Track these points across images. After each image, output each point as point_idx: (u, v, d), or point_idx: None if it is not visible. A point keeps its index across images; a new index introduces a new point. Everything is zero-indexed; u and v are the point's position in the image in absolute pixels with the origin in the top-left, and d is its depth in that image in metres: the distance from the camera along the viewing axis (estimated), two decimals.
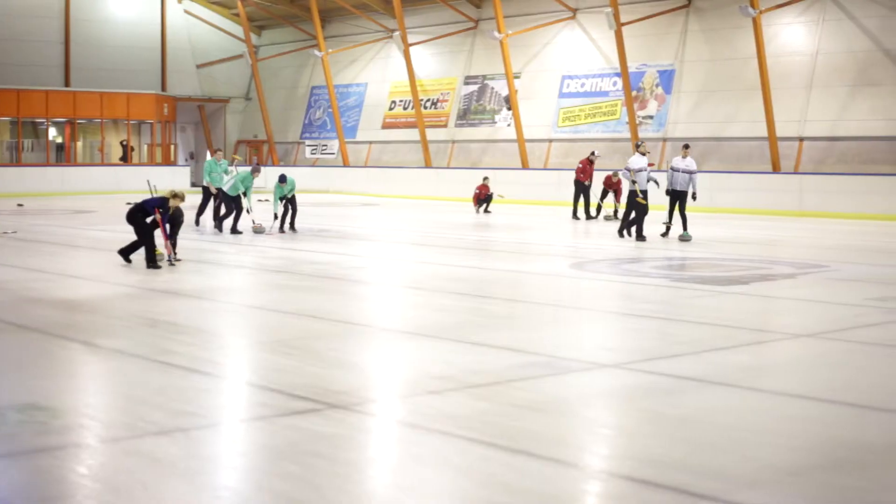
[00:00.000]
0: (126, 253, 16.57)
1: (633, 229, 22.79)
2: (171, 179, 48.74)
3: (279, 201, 23.77)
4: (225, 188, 23.63)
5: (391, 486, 5.97)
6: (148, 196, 16.97)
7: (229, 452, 6.59)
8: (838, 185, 33.19)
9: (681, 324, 11.72)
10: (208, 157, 26.98)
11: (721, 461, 6.32)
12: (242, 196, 23.19)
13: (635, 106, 39.81)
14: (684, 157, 22.99)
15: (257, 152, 52.54)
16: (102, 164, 49.55)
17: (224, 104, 55.61)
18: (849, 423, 7.36)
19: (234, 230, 23.14)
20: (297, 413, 7.35)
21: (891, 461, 6.49)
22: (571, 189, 31.30)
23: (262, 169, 28.81)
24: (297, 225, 24.35)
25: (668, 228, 23.22)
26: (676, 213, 23.00)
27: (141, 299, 13.23)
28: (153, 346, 9.94)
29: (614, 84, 41.17)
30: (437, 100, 47.46)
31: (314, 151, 52.06)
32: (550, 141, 42.84)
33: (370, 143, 49.89)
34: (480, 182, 34.71)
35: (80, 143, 50.57)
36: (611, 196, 30.72)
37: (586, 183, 30.75)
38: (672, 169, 23.03)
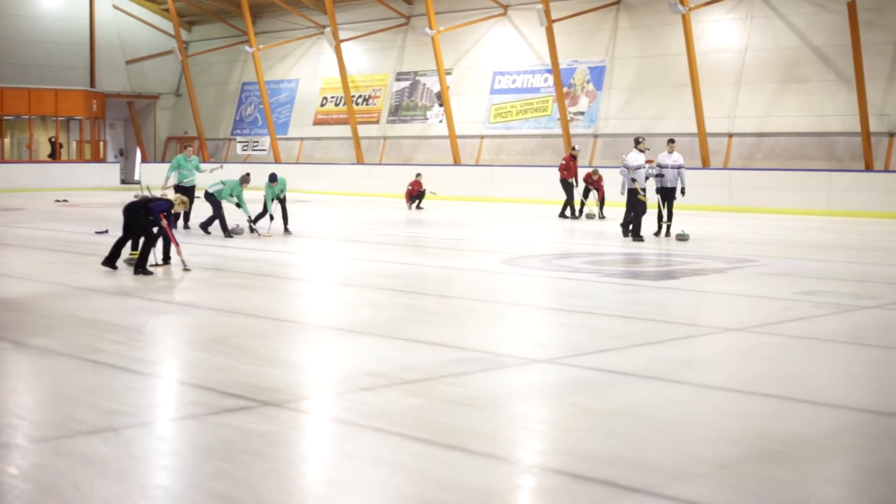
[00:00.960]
0: (112, 260, 15.36)
1: (630, 229, 22.04)
2: (101, 176, 48.48)
3: (272, 202, 22.53)
4: (210, 189, 22.21)
5: (325, 484, 5.98)
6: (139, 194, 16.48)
7: (162, 451, 6.56)
8: (767, 180, 33.56)
9: (611, 319, 11.81)
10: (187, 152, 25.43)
11: (651, 454, 6.39)
12: (237, 207, 22.23)
13: (566, 102, 40.00)
14: (670, 152, 22.66)
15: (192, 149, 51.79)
16: (31, 161, 48.98)
17: (154, 100, 55.19)
18: (776, 416, 7.46)
19: (204, 227, 22.49)
20: (230, 411, 7.34)
21: (816, 452, 6.59)
22: (506, 186, 31.19)
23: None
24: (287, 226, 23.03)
25: (660, 227, 22.55)
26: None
27: (71, 298, 13.11)
28: (84, 344, 9.86)
29: (545, 80, 41.34)
30: (369, 96, 47.40)
31: (245, 148, 51.79)
32: (482, 137, 42.92)
33: (302, 139, 49.73)
34: (413, 178, 34.71)
35: (7, 140, 49.94)
36: (593, 194, 29.78)
37: (570, 180, 29.73)
38: (659, 165, 22.64)
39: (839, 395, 8.15)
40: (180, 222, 23.34)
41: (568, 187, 29.57)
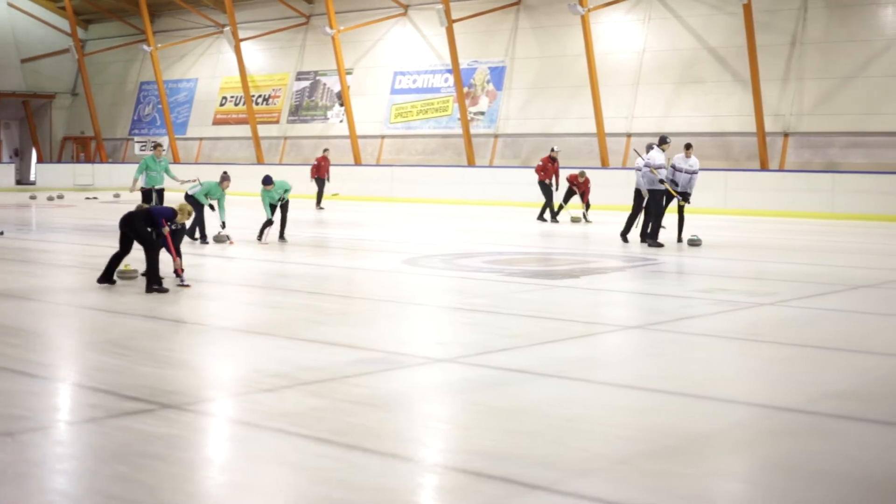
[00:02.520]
0: (108, 276, 14.16)
1: (641, 231, 21.03)
2: None
3: (269, 207, 21.02)
4: (190, 191, 20.75)
5: (226, 486, 5.94)
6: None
7: (60, 456, 6.46)
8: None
9: (512, 317, 11.87)
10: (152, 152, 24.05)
11: (552, 451, 6.44)
12: (211, 209, 20.91)
13: (467, 102, 40.13)
14: (687, 156, 21.61)
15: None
16: None
17: (50, 100, 54.37)
18: (674, 412, 7.55)
19: (190, 235, 20.92)
20: (129, 414, 7.26)
21: (713, 447, 6.69)
22: (407, 186, 31.01)
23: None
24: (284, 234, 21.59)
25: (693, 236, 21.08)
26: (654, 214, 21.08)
27: None
28: None
29: (446, 80, 41.43)
30: (269, 96, 47.15)
31: (143, 148, 51.19)
32: (383, 137, 42.91)
33: (201, 139, 49.33)
34: (321, 154, 34.69)
35: None
36: (577, 197, 28.80)
37: (547, 182, 28.84)
38: (674, 168, 21.57)
39: (736, 390, 8.27)
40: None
41: (545, 189, 28.80)
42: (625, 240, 21.43)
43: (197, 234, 20.93)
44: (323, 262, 18.00)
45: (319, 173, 34.54)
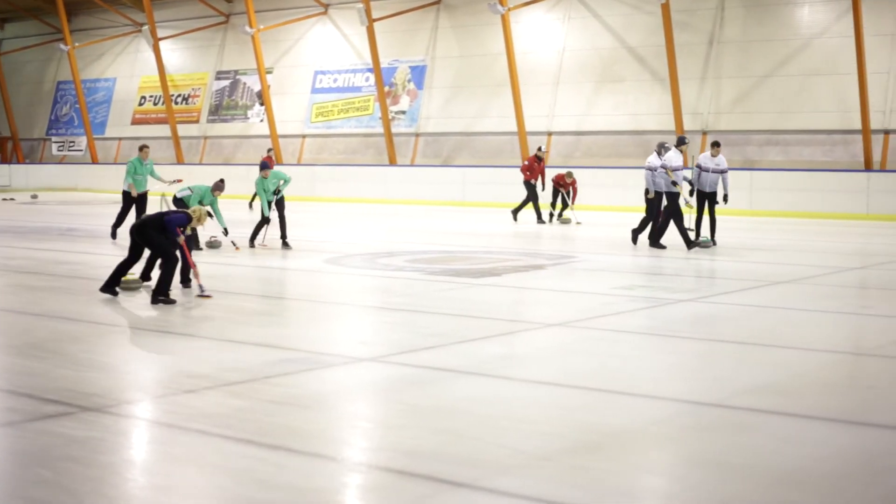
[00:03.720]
0: (112, 285, 13.20)
1: (650, 234, 20.14)
2: None
3: (267, 200, 19.51)
4: (178, 195, 18.86)
5: (149, 488, 5.90)
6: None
7: None
8: (585, 178, 34.11)
9: (435, 316, 11.89)
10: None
11: (475, 449, 6.46)
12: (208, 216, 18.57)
13: (388, 101, 40.12)
14: (714, 155, 20.66)
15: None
16: None
17: None
18: (596, 408, 7.61)
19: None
20: (48, 417, 7.18)
21: (635, 443, 6.75)
22: (328, 185, 30.80)
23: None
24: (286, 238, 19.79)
25: (696, 236, 20.22)
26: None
27: None
28: None
29: (367, 79, 41.39)
30: (189, 95, 46.82)
31: (61, 148, 50.64)
32: (304, 136, 42.77)
33: (120, 139, 48.85)
34: (265, 154, 34.39)
35: None
36: (564, 197, 28.01)
37: (533, 182, 28.01)
38: (699, 168, 20.61)
39: (657, 386, 8.36)
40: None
41: (530, 189, 28.01)
42: (634, 241, 20.41)
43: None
44: (245, 262, 17.90)
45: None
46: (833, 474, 6.00)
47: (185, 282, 13.66)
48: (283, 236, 19.72)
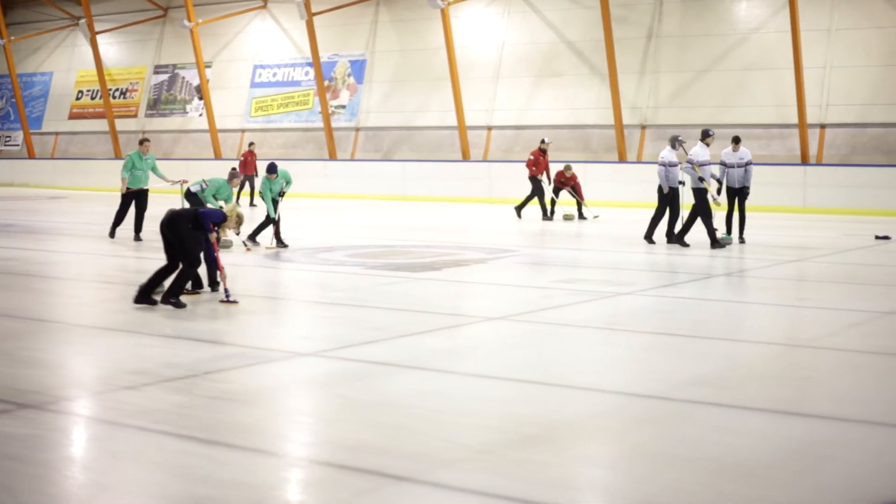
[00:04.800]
0: (148, 293, 11.86)
1: (676, 233, 19.49)
2: None
3: (272, 203, 18.69)
4: (192, 188, 18.11)
5: (88, 485, 5.86)
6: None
7: None
8: (524, 172, 34.25)
9: (376, 310, 11.88)
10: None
11: (417, 443, 6.47)
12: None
13: (328, 96, 40.04)
14: (735, 150, 20.02)
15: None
16: None
17: None
18: (537, 401, 7.64)
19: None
20: None
21: (576, 435, 6.78)
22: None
23: None
24: (280, 236, 19.03)
25: (729, 230, 19.78)
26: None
27: None
28: None
29: (307, 74, 41.27)
30: (127, 89, 46.45)
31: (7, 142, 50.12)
32: (243, 131, 42.57)
33: (57, 133, 48.38)
34: (246, 149, 33.85)
35: None
36: (565, 194, 27.19)
37: (539, 178, 26.86)
38: (723, 164, 19.99)
39: (597, 379, 8.41)
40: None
41: (536, 184, 26.88)
42: (652, 241, 19.64)
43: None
44: None
45: (247, 170, 33.18)
46: (771, 464, 6.07)
47: (213, 285, 12.85)
48: (279, 236, 18.83)
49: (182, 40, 43.96)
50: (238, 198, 31.74)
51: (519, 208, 27.53)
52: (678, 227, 19.61)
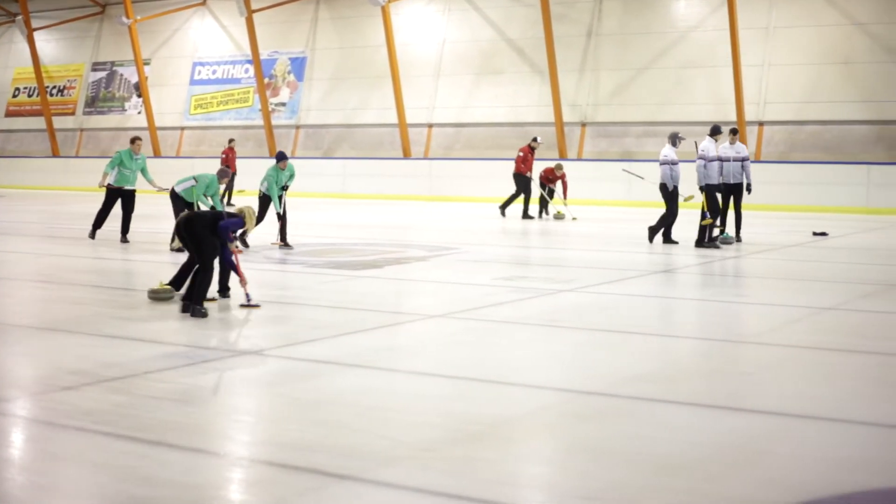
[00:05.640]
0: (180, 282, 12.02)
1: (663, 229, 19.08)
2: None
3: (277, 198, 18.24)
4: (177, 188, 17.45)
5: (27, 487, 5.80)
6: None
7: None
8: (466, 169, 34.36)
9: (317, 308, 11.86)
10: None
11: (358, 441, 6.47)
12: (200, 207, 16.83)
13: (268, 93, 39.91)
14: (732, 143, 19.66)
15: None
16: None
17: None
18: (479, 398, 7.66)
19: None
20: None
21: (518, 432, 6.81)
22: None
23: None
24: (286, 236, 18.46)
25: (722, 231, 19.47)
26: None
27: None
28: None
29: (246, 71, 41.12)
30: (64, 87, 46.05)
31: None
32: (182, 129, 42.35)
33: None
34: (227, 146, 33.31)
35: None
36: (556, 192, 26.64)
37: (528, 175, 26.44)
38: (720, 159, 19.42)
39: (538, 376, 8.44)
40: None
41: (524, 183, 26.48)
42: (672, 241, 19.05)
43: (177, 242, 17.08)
44: (124, 256, 17.66)
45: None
46: (711, 459, 6.12)
47: (224, 290, 12.40)
48: (284, 236, 18.37)
49: (120, 37, 43.65)
50: (227, 197, 30.61)
51: (503, 207, 27.03)
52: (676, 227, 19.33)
